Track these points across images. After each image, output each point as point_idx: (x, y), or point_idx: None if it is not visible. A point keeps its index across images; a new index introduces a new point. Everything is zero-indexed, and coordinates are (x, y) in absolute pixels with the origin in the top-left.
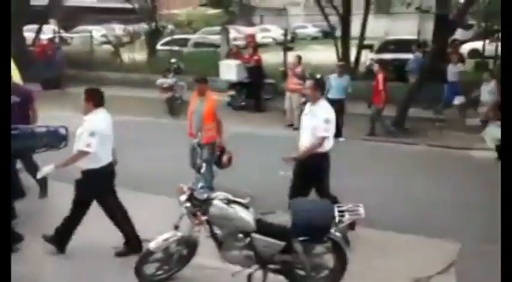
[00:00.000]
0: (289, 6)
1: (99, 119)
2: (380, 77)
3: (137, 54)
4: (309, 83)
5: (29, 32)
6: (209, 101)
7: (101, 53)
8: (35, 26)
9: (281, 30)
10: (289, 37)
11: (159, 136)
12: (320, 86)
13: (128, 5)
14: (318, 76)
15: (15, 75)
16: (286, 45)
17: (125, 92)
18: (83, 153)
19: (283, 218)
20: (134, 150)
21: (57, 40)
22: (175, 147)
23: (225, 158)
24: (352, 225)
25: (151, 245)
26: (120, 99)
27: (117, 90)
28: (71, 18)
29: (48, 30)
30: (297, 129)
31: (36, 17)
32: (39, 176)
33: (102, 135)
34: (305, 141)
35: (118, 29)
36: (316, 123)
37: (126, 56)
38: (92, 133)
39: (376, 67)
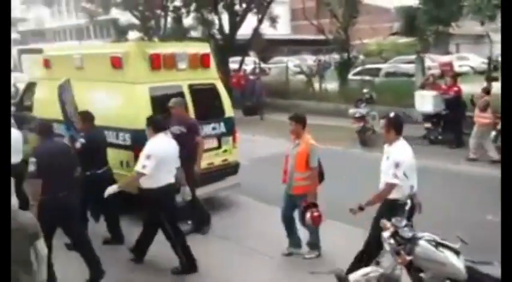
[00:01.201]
0: (492, 32)
1: (156, 143)
2: None
3: (329, 84)
4: (382, 122)
5: (233, 64)
6: (303, 145)
7: (295, 82)
8: (238, 58)
9: (480, 59)
10: (492, 66)
11: (349, 166)
12: (394, 125)
13: (319, 37)
14: (392, 114)
15: (228, 106)
16: (489, 74)
17: (317, 121)
18: (138, 175)
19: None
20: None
21: (257, 70)
22: (364, 179)
23: (308, 216)
24: None
25: (351, 278)
26: (312, 127)
27: (310, 118)
28: (268, 50)
29: (250, 62)
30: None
31: (239, 50)
32: (106, 194)
33: (159, 158)
34: (380, 186)
35: (310, 59)
36: (387, 167)
37: (317, 85)
38: (147, 156)
39: None
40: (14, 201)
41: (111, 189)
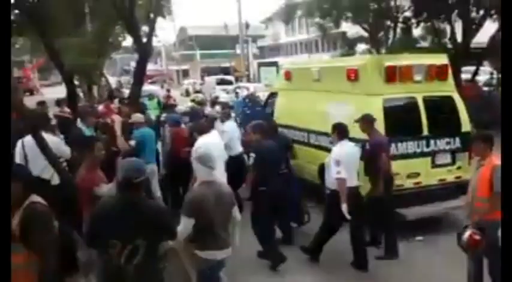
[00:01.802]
0: None
1: (342, 149)
2: None
3: None
4: None
5: (465, 74)
6: (487, 166)
7: None
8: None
9: None
10: None
11: None
12: None
13: None
14: None
15: (465, 120)
16: None
17: None
18: (341, 181)
19: None
20: None
21: (494, 82)
22: None
23: (466, 235)
24: None
25: None
26: None
27: None
28: None
29: (483, 72)
30: None
31: (472, 60)
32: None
33: (345, 163)
34: None
35: None
36: None
37: None
38: (337, 162)
39: None
40: None
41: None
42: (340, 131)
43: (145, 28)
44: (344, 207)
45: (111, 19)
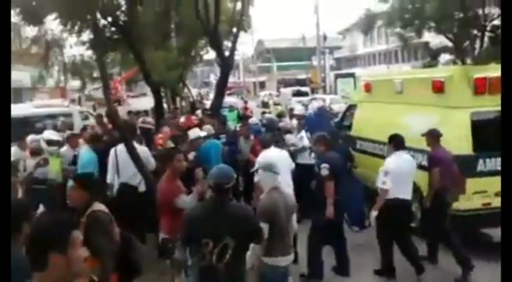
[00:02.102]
0: None
1: (394, 160)
2: None
3: None
4: None
5: None
6: None
7: None
8: None
9: None
10: None
11: None
12: None
13: None
14: None
15: None
16: None
17: None
18: (382, 191)
19: None
20: None
21: None
22: None
23: None
24: None
25: None
26: None
27: None
28: None
29: None
30: None
31: None
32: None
33: (395, 174)
34: None
35: None
36: None
37: None
38: (385, 172)
39: None
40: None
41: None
42: (396, 143)
43: (226, 42)
44: (374, 214)
45: (196, 34)
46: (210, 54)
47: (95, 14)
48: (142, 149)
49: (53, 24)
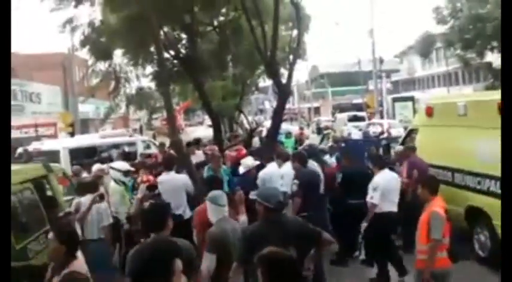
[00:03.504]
0: None
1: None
2: None
3: None
4: None
5: None
6: (426, 212)
7: None
8: None
9: None
10: None
11: None
12: None
13: None
14: None
15: None
16: None
17: None
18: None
19: None
20: None
21: None
22: None
23: None
24: None
25: None
26: None
27: None
28: None
29: None
30: None
31: None
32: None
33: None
34: None
35: None
36: None
37: None
38: (374, 188)
39: None
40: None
41: None
42: (381, 163)
43: (282, 70)
44: (363, 225)
45: (253, 63)
46: (265, 82)
47: (160, 47)
48: (183, 177)
49: (119, 58)
